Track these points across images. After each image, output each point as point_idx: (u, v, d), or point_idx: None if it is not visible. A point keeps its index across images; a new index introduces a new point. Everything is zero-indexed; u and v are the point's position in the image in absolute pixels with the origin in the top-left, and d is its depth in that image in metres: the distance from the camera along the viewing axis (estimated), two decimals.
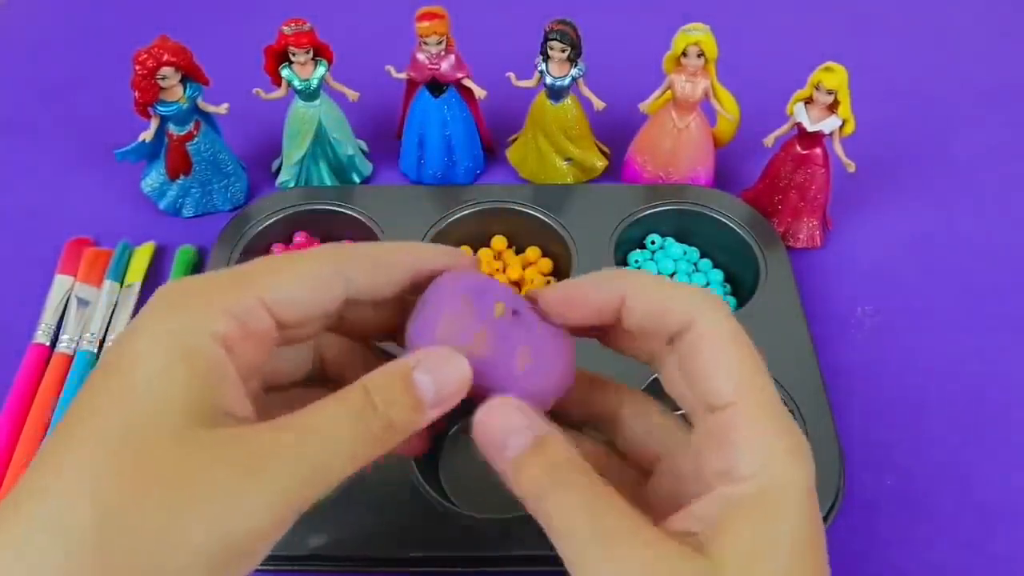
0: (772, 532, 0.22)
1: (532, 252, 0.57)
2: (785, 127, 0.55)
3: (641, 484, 0.28)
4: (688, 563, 0.21)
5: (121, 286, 0.55)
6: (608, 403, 0.29)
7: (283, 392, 0.29)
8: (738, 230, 0.55)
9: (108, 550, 0.19)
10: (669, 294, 0.26)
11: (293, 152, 0.59)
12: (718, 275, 0.56)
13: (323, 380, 0.30)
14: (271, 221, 0.56)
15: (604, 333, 0.28)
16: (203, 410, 0.22)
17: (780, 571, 0.21)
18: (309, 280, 0.25)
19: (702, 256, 0.57)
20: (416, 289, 0.27)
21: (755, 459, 0.22)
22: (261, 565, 0.42)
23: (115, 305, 0.54)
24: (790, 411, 0.45)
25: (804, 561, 0.22)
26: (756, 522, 0.22)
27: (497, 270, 0.56)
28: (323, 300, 0.25)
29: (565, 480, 0.23)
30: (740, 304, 0.53)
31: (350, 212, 0.56)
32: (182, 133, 0.56)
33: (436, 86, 0.58)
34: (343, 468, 0.23)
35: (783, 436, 0.23)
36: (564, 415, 0.29)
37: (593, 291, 0.27)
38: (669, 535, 0.22)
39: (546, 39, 0.55)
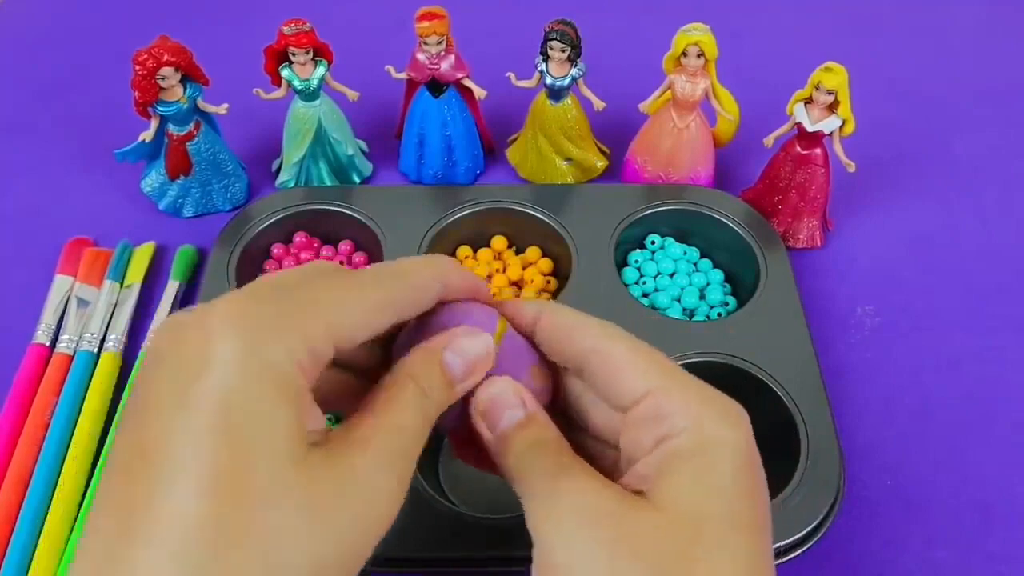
0: (708, 477, 0.24)
1: (532, 252, 0.57)
2: (785, 127, 0.55)
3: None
4: (629, 502, 0.24)
5: (121, 286, 0.55)
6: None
7: None
8: (738, 230, 0.55)
9: None
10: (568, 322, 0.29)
11: (293, 152, 0.59)
12: (718, 275, 0.56)
13: None
14: (271, 221, 0.56)
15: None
16: (302, 436, 0.22)
17: (716, 514, 0.23)
18: (371, 309, 0.25)
19: (702, 256, 0.57)
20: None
21: (686, 418, 0.25)
22: None
23: (115, 305, 0.54)
24: (790, 411, 0.45)
25: (741, 505, 0.24)
26: (693, 468, 0.24)
27: (497, 270, 0.56)
28: (376, 329, 0.25)
29: (543, 451, 0.26)
30: (740, 304, 0.53)
31: (350, 212, 0.56)
32: (182, 133, 0.56)
33: (436, 86, 0.58)
34: (418, 452, 0.25)
35: (711, 402, 0.26)
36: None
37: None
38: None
39: (546, 39, 0.55)
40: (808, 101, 0.53)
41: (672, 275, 0.55)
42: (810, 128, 0.53)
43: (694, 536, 0.23)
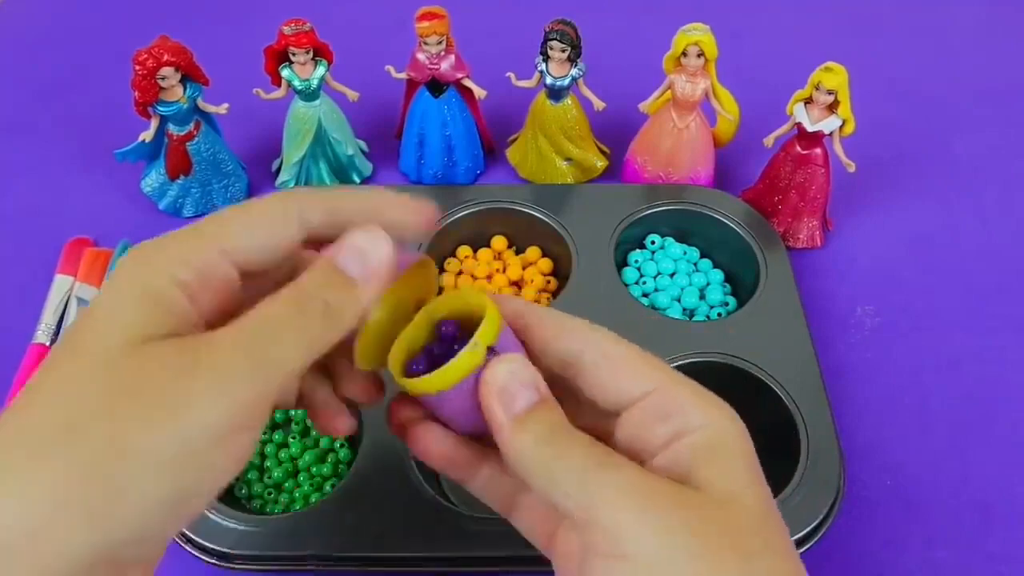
0: (736, 467, 0.25)
1: (532, 252, 0.57)
2: (785, 127, 0.55)
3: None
4: (681, 490, 0.24)
5: None
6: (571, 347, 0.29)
7: None
8: (738, 230, 0.55)
9: (66, 458, 0.21)
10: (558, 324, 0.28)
11: (293, 152, 0.59)
12: (718, 275, 0.56)
13: None
14: None
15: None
16: (156, 333, 0.23)
17: (754, 498, 0.25)
18: (264, 224, 0.25)
19: (702, 256, 0.57)
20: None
21: (700, 416, 0.26)
22: (261, 565, 0.42)
23: None
24: (790, 411, 0.45)
25: (765, 490, 0.26)
26: (721, 459, 0.25)
27: (497, 270, 0.56)
28: (280, 242, 0.26)
29: (569, 439, 0.25)
30: (740, 304, 0.53)
31: None
32: (182, 133, 0.56)
33: (436, 86, 0.58)
34: (292, 358, 0.24)
35: (712, 400, 0.27)
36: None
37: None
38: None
39: (546, 39, 0.55)
40: (808, 101, 0.53)
41: (672, 275, 0.55)
42: (810, 128, 0.53)
43: (748, 518, 0.24)
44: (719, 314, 0.53)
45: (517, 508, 0.29)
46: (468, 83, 0.58)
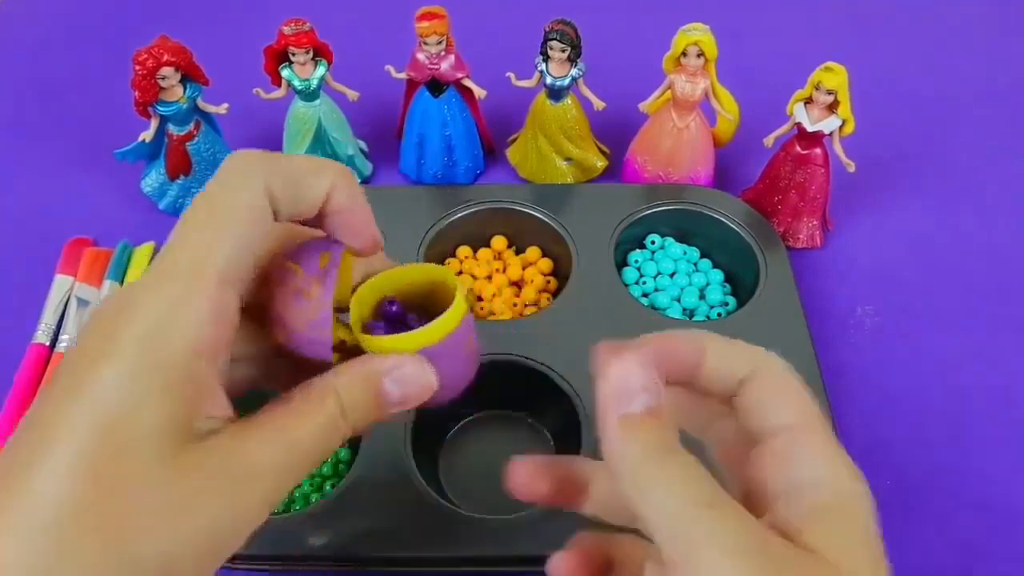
0: (853, 530, 0.23)
1: (532, 252, 0.56)
2: (785, 127, 0.55)
3: None
4: (794, 553, 0.22)
5: (121, 286, 0.55)
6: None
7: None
8: (738, 230, 0.55)
9: (67, 546, 0.20)
10: (737, 349, 0.26)
11: (293, 152, 0.59)
12: (718, 275, 0.56)
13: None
14: None
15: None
16: (181, 428, 0.22)
17: (865, 564, 0.23)
18: (244, 233, 0.23)
19: (702, 256, 0.57)
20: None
21: (828, 471, 0.24)
22: (261, 565, 0.42)
23: None
24: None
25: (881, 557, 0.24)
26: (840, 519, 0.23)
27: (497, 270, 0.56)
28: (265, 243, 0.25)
29: (677, 462, 0.23)
30: (740, 304, 0.53)
31: None
32: (182, 133, 0.56)
33: (436, 86, 0.58)
34: (312, 467, 0.24)
35: (842, 455, 0.25)
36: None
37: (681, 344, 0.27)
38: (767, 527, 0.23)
39: (546, 39, 0.55)
40: (808, 101, 0.53)
41: (672, 275, 0.55)
42: (810, 128, 0.53)
43: None
44: (719, 314, 0.53)
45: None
46: (468, 83, 0.58)
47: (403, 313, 0.27)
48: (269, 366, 0.28)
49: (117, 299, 0.23)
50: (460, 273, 0.56)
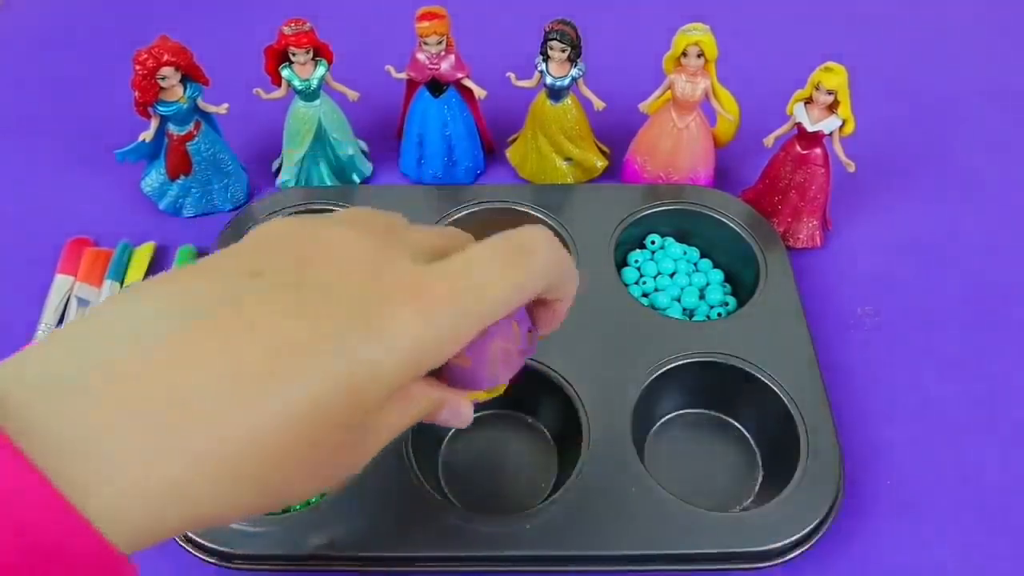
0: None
1: None
2: (785, 127, 0.55)
3: None
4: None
5: (121, 286, 0.55)
6: None
7: None
8: (738, 230, 0.55)
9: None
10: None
11: (293, 152, 0.59)
12: (718, 275, 0.56)
13: None
14: None
15: None
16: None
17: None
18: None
19: (702, 256, 0.57)
20: None
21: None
22: (261, 565, 0.42)
23: None
24: (790, 411, 0.45)
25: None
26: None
27: None
28: None
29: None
30: (740, 304, 0.53)
31: None
32: (182, 133, 0.56)
33: (436, 86, 0.58)
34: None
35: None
36: None
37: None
38: None
39: (546, 39, 0.55)
40: (808, 101, 0.53)
41: (672, 275, 0.55)
42: (810, 128, 0.53)
43: None
44: (719, 314, 0.53)
45: None
46: (468, 83, 0.58)
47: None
48: None
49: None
50: None
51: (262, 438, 0.22)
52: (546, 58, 0.56)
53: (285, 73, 0.56)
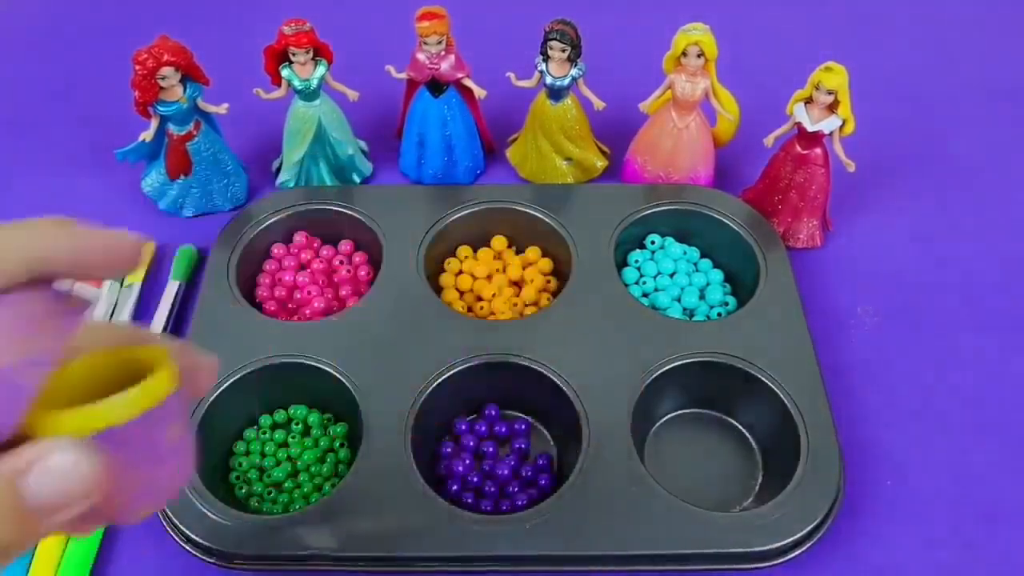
0: None
1: (532, 252, 0.56)
2: (785, 127, 0.55)
3: None
4: None
5: (121, 286, 0.55)
6: None
7: None
8: (738, 230, 0.55)
9: None
10: None
11: (293, 152, 0.59)
12: (718, 275, 0.56)
13: None
14: (271, 221, 0.56)
15: None
16: None
17: None
18: None
19: (702, 256, 0.57)
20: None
21: None
22: (261, 565, 0.42)
23: (115, 305, 0.54)
24: (790, 411, 0.45)
25: None
26: None
27: (497, 270, 0.56)
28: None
29: None
30: (740, 304, 0.53)
31: (350, 212, 0.56)
32: (182, 133, 0.56)
33: (436, 86, 0.58)
34: None
35: None
36: None
37: None
38: None
39: (546, 39, 0.55)
40: (808, 101, 0.53)
41: (672, 275, 0.55)
42: (810, 128, 0.53)
43: None
44: (719, 314, 0.53)
45: None
46: (468, 83, 0.58)
47: None
48: None
49: None
50: (460, 273, 0.56)
51: None
52: (546, 58, 0.55)
53: (285, 73, 0.56)
